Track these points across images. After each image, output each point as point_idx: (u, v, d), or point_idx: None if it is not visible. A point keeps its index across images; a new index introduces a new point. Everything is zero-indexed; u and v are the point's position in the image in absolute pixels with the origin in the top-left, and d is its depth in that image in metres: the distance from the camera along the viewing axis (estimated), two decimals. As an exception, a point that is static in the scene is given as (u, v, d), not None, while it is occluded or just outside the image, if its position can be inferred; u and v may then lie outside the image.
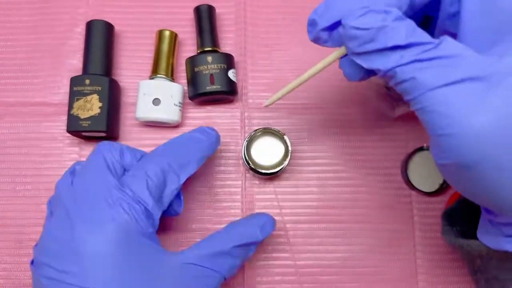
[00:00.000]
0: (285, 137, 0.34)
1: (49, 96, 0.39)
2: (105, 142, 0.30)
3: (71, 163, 0.38)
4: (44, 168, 0.38)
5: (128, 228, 0.25)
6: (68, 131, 0.36)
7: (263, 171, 0.34)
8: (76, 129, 0.36)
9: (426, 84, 0.19)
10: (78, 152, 0.38)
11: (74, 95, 0.36)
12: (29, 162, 0.38)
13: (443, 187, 0.37)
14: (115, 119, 0.38)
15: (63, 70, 0.40)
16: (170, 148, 0.30)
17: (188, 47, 0.41)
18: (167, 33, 0.39)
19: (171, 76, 0.39)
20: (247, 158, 0.34)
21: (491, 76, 0.19)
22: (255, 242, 0.30)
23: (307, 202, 0.38)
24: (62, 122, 0.39)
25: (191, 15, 0.41)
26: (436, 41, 0.20)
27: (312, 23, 0.24)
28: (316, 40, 0.25)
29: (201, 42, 0.39)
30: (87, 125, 0.36)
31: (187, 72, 0.39)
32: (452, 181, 0.22)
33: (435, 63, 0.19)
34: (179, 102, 0.38)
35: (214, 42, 0.39)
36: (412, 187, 0.37)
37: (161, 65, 0.38)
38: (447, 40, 0.20)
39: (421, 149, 0.37)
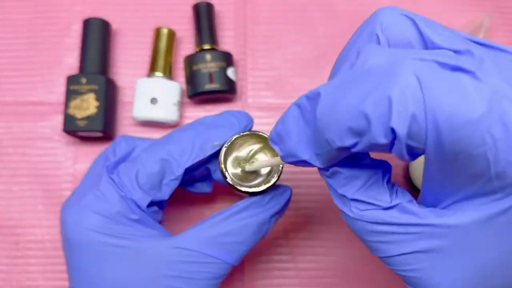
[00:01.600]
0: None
1: (45, 95, 0.39)
2: (123, 135, 0.30)
3: (68, 163, 0.38)
4: (40, 168, 0.37)
5: (109, 214, 0.25)
6: (65, 130, 0.35)
7: (244, 189, 0.26)
8: (73, 128, 0.35)
9: (386, 251, 0.19)
10: (75, 152, 0.38)
11: (71, 94, 0.36)
12: (25, 162, 0.37)
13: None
14: (112, 118, 0.37)
15: (59, 69, 0.39)
16: (171, 135, 0.29)
17: (187, 45, 0.40)
18: (165, 31, 0.38)
19: (169, 74, 0.38)
20: (223, 170, 0.26)
21: (445, 241, 0.18)
22: (271, 217, 0.27)
23: (308, 203, 0.37)
24: (58, 122, 0.38)
25: (189, 12, 0.40)
26: (389, 204, 0.19)
27: (273, 145, 0.21)
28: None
29: (199, 40, 0.38)
30: (83, 124, 0.35)
31: (185, 71, 0.38)
32: None
33: (389, 229, 0.18)
34: (178, 101, 0.37)
35: (213, 40, 0.38)
36: (413, 187, 0.37)
37: (159, 63, 0.37)
38: (402, 205, 0.19)
39: (423, 149, 0.36)
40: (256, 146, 0.28)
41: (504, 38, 0.42)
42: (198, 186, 0.32)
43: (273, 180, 0.27)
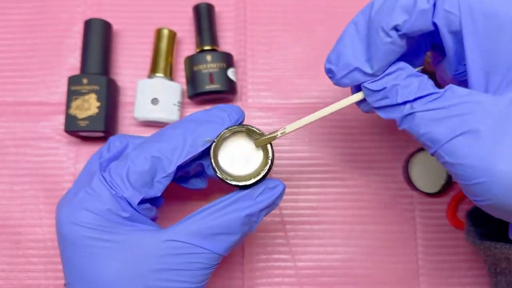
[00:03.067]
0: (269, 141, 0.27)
1: (46, 96, 0.39)
2: (118, 134, 0.30)
3: (69, 163, 0.38)
4: (41, 168, 0.38)
5: (100, 212, 0.25)
6: (66, 130, 0.36)
7: (233, 182, 0.26)
8: (74, 129, 0.35)
9: (441, 138, 0.21)
10: (76, 152, 0.38)
11: (72, 94, 0.36)
12: (27, 162, 0.38)
13: (445, 188, 0.36)
14: (113, 119, 0.38)
15: (61, 69, 0.39)
16: (162, 132, 0.28)
17: (187, 46, 0.41)
18: (165, 31, 0.38)
19: (170, 75, 0.38)
20: (213, 164, 0.27)
21: (501, 120, 0.20)
22: (261, 211, 0.27)
23: (307, 203, 0.37)
24: (59, 122, 0.38)
25: (190, 13, 0.40)
26: (441, 91, 0.22)
27: (329, 72, 0.26)
28: (340, 85, 0.26)
29: (200, 41, 0.38)
30: (85, 124, 0.35)
31: (186, 71, 0.38)
32: (489, 210, 0.22)
33: (444, 113, 0.21)
34: (178, 102, 0.38)
35: (214, 41, 0.39)
36: (413, 187, 0.37)
37: (160, 64, 0.38)
38: (452, 88, 0.22)
39: (422, 149, 0.36)
40: (246, 139, 0.28)
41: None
42: (193, 182, 0.32)
43: (262, 173, 0.27)
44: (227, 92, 0.37)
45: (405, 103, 0.23)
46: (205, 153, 0.28)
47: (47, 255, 0.36)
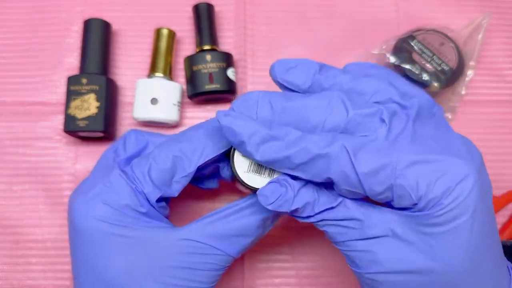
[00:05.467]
0: None
1: (46, 96, 0.39)
2: (133, 129, 0.31)
3: (68, 163, 0.38)
4: (40, 168, 0.38)
5: (117, 206, 0.25)
6: (65, 131, 0.35)
7: (252, 185, 0.26)
8: (73, 129, 0.35)
9: (333, 238, 0.24)
10: (75, 152, 0.38)
11: (71, 94, 0.36)
12: (26, 162, 0.38)
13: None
14: (113, 119, 0.38)
15: (60, 69, 0.39)
16: (184, 132, 0.29)
17: (187, 46, 0.41)
18: (165, 31, 0.38)
19: (169, 75, 0.38)
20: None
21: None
22: (276, 216, 0.28)
23: None
24: (59, 122, 0.38)
25: (189, 13, 0.40)
26: (335, 202, 0.23)
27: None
28: None
29: (200, 41, 0.38)
30: (84, 125, 0.35)
31: (185, 71, 0.38)
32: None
33: (335, 223, 0.24)
34: (178, 102, 0.38)
35: (213, 40, 0.38)
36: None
37: (159, 64, 0.38)
38: (345, 202, 0.23)
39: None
40: None
41: (503, 38, 0.42)
42: (206, 182, 0.32)
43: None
44: (227, 92, 0.37)
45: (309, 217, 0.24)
46: (222, 155, 0.28)
47: (47, 255, 0.36)
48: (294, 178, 0.23)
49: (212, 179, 0.32)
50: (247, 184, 0.26)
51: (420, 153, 0.21)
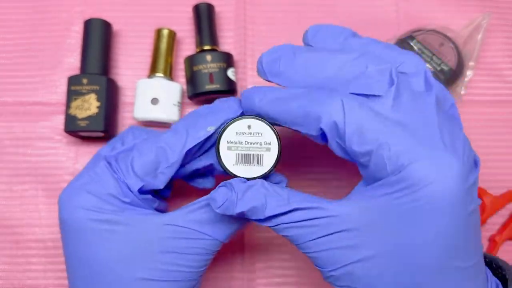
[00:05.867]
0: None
1: (46, 96, 0.39)
2: (135, 126, 0.31)
3: (69, 163, 0.38)
4: (41, 168, 0.38)
5: (101, 195, 0.26)
6: (66, 131, 0.36)
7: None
8: (74, 129, 0.35)
9: (295, 240, 0.24)
10: (76, 152, 0.38)
11: (72, 94, 0.36)
12: (26, 162, 0.38)
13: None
14: (113, 119, 0.38)
15: (61, 69, 0.39)
16: (178, 122, 0.29)
17: (187, 46, 0.41)
18: (165, 31, 0.38)
19: (170, 75, 0.38)
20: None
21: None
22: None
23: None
24: (59, 122, 0.38)
25: (190, 13, 0.40)
26: (288, 207, 0.23)
27: None
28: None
29: (200, 41, 0.38)
30: (84, 124, 0.35)
31: (186, 71, 0.38)
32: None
33: (291, 225, 0.24)
34: (178, 102, 0.38)
35: (213, 40, 0.39)
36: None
37: (160, 64, 0.38)
38: (298, 206, 0.23)
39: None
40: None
41: (502, 38, 0.42)
42: (200, 181, 0.32)
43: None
44: (227, 92, 0.37)
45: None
46: (208, 145, 0.28)
47: (47, 255, 0.36)
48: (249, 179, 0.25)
49: (207, 178, 0.32)
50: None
51: (414, 135, 0.21)
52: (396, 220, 0.21)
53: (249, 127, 0.26)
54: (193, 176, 0.32)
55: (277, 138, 0.26)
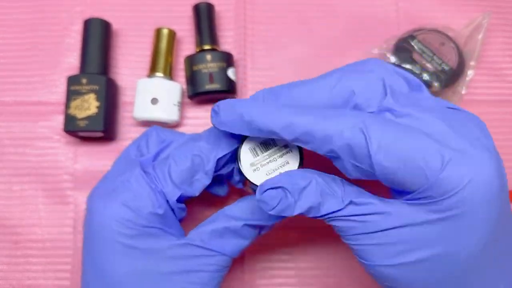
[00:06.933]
0: None
1: (45, 95, 0.39)
2: (155, 126, 0.31)
3: (68, 163, 0.38)
4: (40, 168, 0.37)
5: (135, 206, 0.25)
6: (65, 130, 0.35)
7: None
8: (73, 128, 0.35)
9: (344, 232, 0.24)
10: (75, 151, 0.38)
11: (71, 94, 0.36)
12: (26, 162, 0.38)
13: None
14: (113, 118, 0.37)
15: (60, 69, 0.39)
16: (202, 133, 0.29)
17: (187, 46, 0.41)
18: (165, 31, 0.38)
19: (170, 75, 0.38)
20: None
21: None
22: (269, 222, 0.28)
23: None
24: (58, 122, 0.38)
25: (189, 13, 0.40)
26: (342, 204, 0.23)
27: None
28: None
29: (200, 41, 0.38)
30: (84, 124, 0.35)
31: (186, 71, 0.38)
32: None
33: (345, 218, 0.23)
34: (178, 102, 0.37)
35: (213, 40, 0.38)
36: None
37: (159, 63, 0.38)
38: (354, 202, 0.23)
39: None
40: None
41: (503, 38, 0.42)
42: (215, 188, 0.32)
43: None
44: (227, 91, 0.37)
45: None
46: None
47: (46, 255, 0.36)
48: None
49: (223, 185, 0.32)
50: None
51: (437, 139, 0.21)
52: (441, 223, 0.21)
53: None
54: (215, 182, 0.32)
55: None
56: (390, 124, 0.21)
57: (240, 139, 0.27)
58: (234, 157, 0.28)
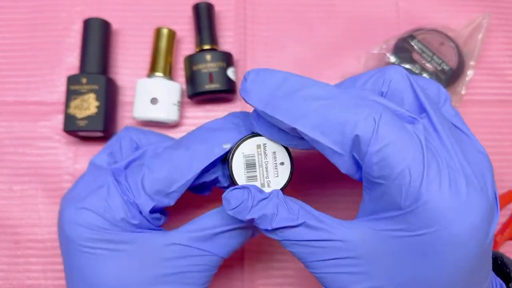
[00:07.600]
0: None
1: (45, 95, 0.39)
2: (131, 127, 0.30)
3: (68, 162, 0.38)
4: (40, 168, 0.37)
5: (108, 216, 0.25)
6: (65, 130, 0.35)
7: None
8: (73, 128, 0.35)
9: (302, 258, 0.23)
10: (75, 151, 0.38)
11: (71, 94, 0.36)
12: (26, 162, 0.38)
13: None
14: (112, 118, 0.38)
15: (60, 69, 0.39)
16: (180, 140, 0.28)
17: (187, 45, 0.41)
18: (165, 31, 0.38)
19: (169, 74, 0.38)
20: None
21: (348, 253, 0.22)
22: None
23: (308, 203, 0.37)
24: (58, 122, 0.38)
25: (189, 12, 0.40)
26: (296, 221, 0.23)
27: None
28: None
29: (199, 40, 0.38)
30: (84, 124, 0.35)
31: (185, 71, 0.38)
32: None
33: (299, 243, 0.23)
34: (178, 101, 0.37)
35: (213, 40, 0.38)
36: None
37: (159, 63, 0.38)
38: (307, 222, 0.23)
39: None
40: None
41: (503, 38, 0.42)
42: (200, 190, 0.31)
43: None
44: (227, 91, 0.37)
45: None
46: (218, 161, 0.27)
47: (47, 255, 0.36)
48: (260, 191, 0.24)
49: (208, 189, 0.31)
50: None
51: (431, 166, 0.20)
52: (408, 253, 0.20)
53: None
54: (195, 187, 0.31)
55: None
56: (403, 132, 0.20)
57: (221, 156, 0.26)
58: (215, 164, 0.27)
